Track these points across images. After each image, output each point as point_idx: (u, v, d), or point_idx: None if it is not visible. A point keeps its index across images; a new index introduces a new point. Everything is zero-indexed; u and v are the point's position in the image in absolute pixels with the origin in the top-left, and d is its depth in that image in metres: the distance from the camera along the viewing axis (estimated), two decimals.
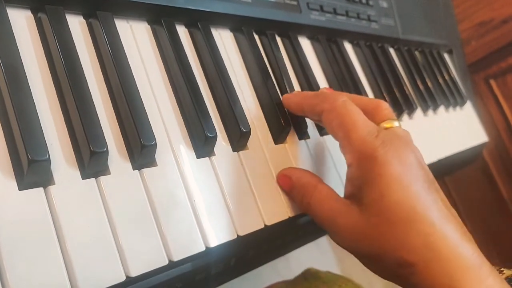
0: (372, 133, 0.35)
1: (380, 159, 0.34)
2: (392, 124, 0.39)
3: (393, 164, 0.34)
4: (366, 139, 0.35)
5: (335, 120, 0.37)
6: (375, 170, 0.34)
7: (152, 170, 0.32)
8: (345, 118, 0.37)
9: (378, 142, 0.35)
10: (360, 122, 0.36)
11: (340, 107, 0.37)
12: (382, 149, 0.34)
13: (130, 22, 0.38)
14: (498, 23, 1.14)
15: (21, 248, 0.25)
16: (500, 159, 1.21)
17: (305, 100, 0.41)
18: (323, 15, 0.55)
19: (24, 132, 0.26)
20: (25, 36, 0.31)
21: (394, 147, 0.34)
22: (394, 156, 0.34)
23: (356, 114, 0.37)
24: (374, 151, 0.34)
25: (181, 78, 0.37)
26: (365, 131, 0.36)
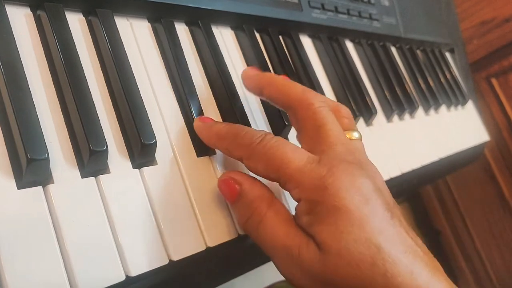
0: (312, 160, 0.30)
1: (332, 189, 0.29)
2: (351, 135, 0.35)
3: (348, 194, 0.28)
4: (306, 169, 0.30)
5: (259, 165, 0.31)
6: (328, 203, 0.28)
7: (152, 169, 0.32)
8: (269, 158, 0.31)
9: (323, 170, 0.29)
10: (289, 153, 0.30)
11: (259, 150, 0.31)
12: (330, 178, 0.29)
13: (130, 20, 0.37)
14: (499, 22, 1.14)
15: (19, 248, 0.25)
16: (501, 158, 1.21)
17: (218, 142, 0.34)
18: (325, 13, 0.55)
19: (23, 130, 0.26)
20: (24, 34, 0.31)
21: (345, 173, 0.29)
22: (347, 184, 0.29)
23: (281, 147, 0.31)
24: (321, 181, 0.29)
25: (178, 78, 0.37)
26: (301, 160, 0.30)
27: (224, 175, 0.34)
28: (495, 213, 1.29)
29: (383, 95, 0.60)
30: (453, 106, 0.76)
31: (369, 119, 0.55)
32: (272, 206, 0.31)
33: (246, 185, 0.32)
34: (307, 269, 0.29)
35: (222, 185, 0.33)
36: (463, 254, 1.42)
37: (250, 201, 0.32)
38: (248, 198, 0.32)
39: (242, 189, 0.32)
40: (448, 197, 1.41)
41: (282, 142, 0.31)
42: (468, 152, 0.75)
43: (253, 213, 0.31)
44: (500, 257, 1.32)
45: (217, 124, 0.35)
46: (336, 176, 0.29)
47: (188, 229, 0.32)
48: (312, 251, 0.29)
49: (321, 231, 0.28)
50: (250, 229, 0.32)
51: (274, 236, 0.30)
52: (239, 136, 0.32)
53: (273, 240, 0.30)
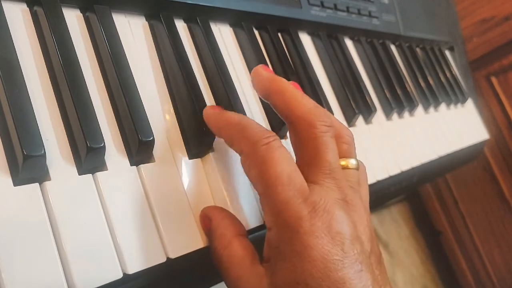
0: (300, 195, 0.28)
1: (303, 235, 0.27)
2: (348, 163, 0.33)
3: (318, 244, 0.27)
4: (290, 203, 0.28)
5: (253, 169, 0.30)
6: (294, 247, 0.27)
7: (150, 166, 0.32)
8: (266, 169, 0.29)
9: (305, 210, 0.28)
10: (285, 177, 0.29)
11: (261, 152, 0.30)
12: (308, 221, 0.27)
13: (128, 17, 0.37)
14: (499, 20, 1.14)
15: (16, 245, 0.25)
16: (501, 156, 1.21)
17: (225, 128, 0.33)
18: (324, 10, 0.55)
19: (19, 127, 0.26)
20: (21, 30, 0.31)
21: (323, 219, 0.28)
22: (322, 231, 0.27)
23: (282, 163, 0.29)
24: (297, 221, 0.28)
25: (179, 73, 0.37)
26: (290, 191, 0.28)
27: (203, 210, 0.34)
28: (495, 212, 1.28)
29: (382, 93, 0.60)
30: (453, 104, 0.76)
31: (369, 117, 0.55)
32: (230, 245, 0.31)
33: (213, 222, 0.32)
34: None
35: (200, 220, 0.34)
36: (463, 253, 1.42)
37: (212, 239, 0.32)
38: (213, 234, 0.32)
39: (211, 224, 0.32)
40: (448, 196, 1.41)
41: (285, 157, 0.30)
42: (467, 150, 0.75)
43: (216, 247, 0.32)
44: (501, 257, 1.32)
45: (230, 112, 0.34)
46: (314, 221, 0.28)
47: (185, 227, 0.32)
48: None
49: (279, 274, 0.28)
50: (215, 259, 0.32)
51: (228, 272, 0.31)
52: (249, 129, 0.31)
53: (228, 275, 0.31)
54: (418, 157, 0.61)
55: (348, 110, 0.53)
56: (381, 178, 0.52)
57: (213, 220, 0.32)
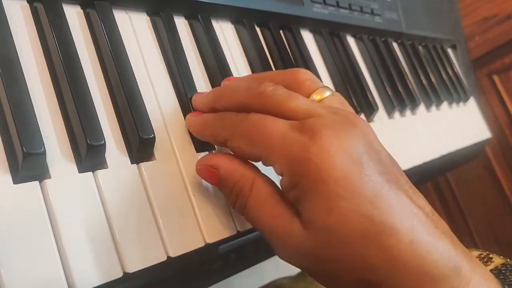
0: (294, 128, 0.28)
1: (316, 159, 0.26)
2: (322, 94, 0.32)
3: (335, 162, 0.25)
4: (287, 138, 0.27)
5: (243, 143, 0.29)
6: (313, 175, 0.26)
7: (151, 164, 0.32)
8: (251, 134, 0.29)
9: (305, 137, 0.27)
10: (269, 124, 0.28)
11: (241, 127, 0.30)
12: (314, 145, 0.26)
13: (129, 13, 0.37)
14: (501, 18, 1.13)
15: (16, 243, 0.25)
16: (502, 155, 1.21)
17: (205, 129, 0.33)
18: (326, 8, 0.54)
19: (19, 124, 0.26)
20: (21, 26, 0.30)
21: (330, 137, 0.26)
22: (333, 149, 0.26)
23: (261, 119, 0.29)
24: (304, 150, 0.26)
25: (177, 72, 0.36)
26: (281, 129, 0.28)
27: (199, 162, 0.32)
28: (495, 211, 1.28)
29: (384, 91, 0.60)
30: (455, 102, 0.76)
31: (371, 115, 0.55)
32: (255, 185, 0.29)
33: (223, 169, 0.30)
34: (297, 249, 0.27)
35: (200, 174, 0.32)
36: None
37: (232, 184, 0.30)
38: (229, 182, 0.30)
39: (220, 174, 0.30)
40: (449, 195, 1.40)
41: (263, 116, 0.29)
42: (469, 149, 0.75)
43: (237, 197, 0.30)
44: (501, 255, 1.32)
45: (205, 114, 0.34)
46: (320, 143, 0.26)
47: (186, 225, 0.32)
48: (298, 230, 0.27)
49: (308, 209, 0.26)
50: (240, 212, 0.30)
51: (261, 218, 0.29)
52: (223, 119, 0.31)
53: (261, 223, 0.29)
54: (420, 156, 0.60)
55: None
56: None
57: (222, 166, 0.31)
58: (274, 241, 0.29)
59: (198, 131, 0.34)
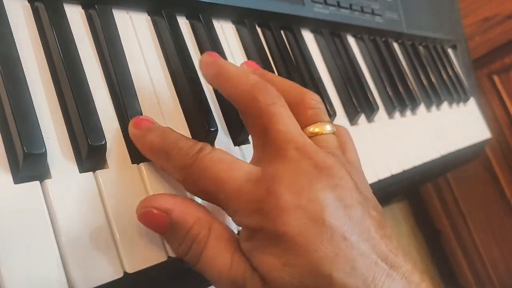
0: (251, 178, 0.25)
1: (270, 214, 0.24)
2: (322, 129, 0.30)
3: (291, 218, 0.24)
4: (242, 190, 0.25)
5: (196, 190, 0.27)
6: (267, 229, 0.24)
7: (152, 164, 0.32)
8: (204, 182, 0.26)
9: (261, 189, 0.25)
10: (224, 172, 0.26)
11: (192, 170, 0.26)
12: (270, 200, 0.24)
13: (129, 13, 0.37)
14: (502, 18, 1.13)
15: (16, 243, 0.24)
16: (502, 156, 1.21)
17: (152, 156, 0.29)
18: (327, 8, 0.54)
19: (20, 125, 0.26)
20: (22, 26, 0.30)
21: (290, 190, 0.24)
22: (290, 203, 0.24)
23: (215, 164, 0.26)
24: (259, 205, 0.24)
25: (181, 70, 0.36)
26: (238, 180, 0.25)
27: (142, 204, 0.27)
28: (495, 212, 1.28)
29: (384, 91, 0.60)
30: (455, 103, 0.76)
31: (371, 116, 0.55)
32: (213, 231, 0.27)
33: (176, 212, 0.27)
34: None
35: (144, 219, 0.27)
36: (463, 252, 1.42)
37: (185, 231, 0.27)
38: (182, 227, 0.27)
39: (172, 218, 0.27)
40: (449, 195, 1.41)
41: (218, 158, 0.26)
42: (469, 149, 0.75)
43: (192, 245, 0.26)
44: (500, 256, 1.32)
45: (151, 132, 0.29)
46: (277, 196, 0.24)
47: None
48: (257, 283, 0.25)
49: (262, 262, 0.25)
50: (192, 262, 0.27)
51: (217, 267, 0.26)
52: (172, 155, 0.27)
53: (217, 271, 0.26)
54: (420, 156, 0.60)
55: (350, 108, 0.53)
56: (383, 177, 0.52)
57: (174, 210, 0.27)
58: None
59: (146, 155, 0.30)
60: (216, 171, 0.26)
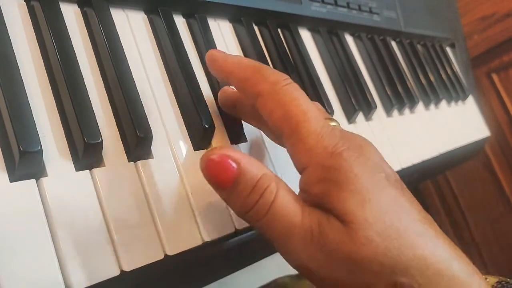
0: (327, 127, 0.28)
1: (347, 155, 0.26)
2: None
3: (360, 164, 0.26)
4: (322, 135, 0.27)
5: (278, 109, 0.28)
6: (346, 168, 0.26)
7: (148, 162, 0.32)
8: (291, 107, 0.28)
9: (336, 138, 0.27)
10: (311, 113, 0.28)
11: (284, 91, 0.28)
12: (343, 146, 0.27)
13: (126, 11, 0.37)
14: (500, 16, 1.13)
15: (12, 241, 0.24)
16: (502, 154, 1.21)
17: (238, 69, 0.30)
18: (324, 6, 0.54)
19: (16, 122, 0.26)
20: (18, 24, 0.30)
21: (353, 143, 0.28)
22: (357, 154, 0.27)
23: (306, 102, 0.28)
24: (336, 147, 0.27)
25: (178, 68, 0.36)
26: (319, 124, 0.28)
27: (212, 152, 0.27)
28: (495, 209, 1.28)
29: (383, 90, 0.60)
30: (454, 101, 0.76)
31: (369, 114, 0.55)
32: (281, 183, 0.27)
33: (244, 163, 0.27)
34: (332, 248, 0.25)
35: (212, 167, 0.27)
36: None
37: (255, 180, 0.27)
38: (252, 177, 0.27)
39: (241, 169, 0.27)
40: (448, 194, 1.40)
41: (306, 96, 0.29)
42: (468, 147, 0.75)
43: (262, 196, 0.26)
44: (500, 254, 1.32)
45: (237, 55, 0.32)
46: (347, 145, 0.27)
47: (184, 223, 0.32)
48: (336, 226, 0.25)
49: (343, 200, 0.25)
50: (258, 215, 0.27)
51: (289, 217, 0.26)
52: (266, 70, 0.30)
53: (288, 222, 0.26)
54: (419, 154, 0.60)
55: (348, 106, 0.52)
56: None
57: (242, 161, 0.27)
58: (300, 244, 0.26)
59: (227, 70, 0.31)
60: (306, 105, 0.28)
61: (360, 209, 0.25)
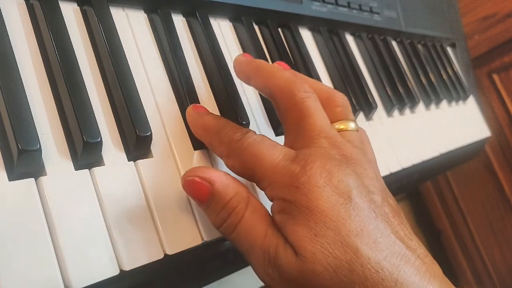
0: (288, 157, 0.28)
1: (304, 188, 0.27)
2: (346, 126, 0.33)
3: (322, 194, 0.26)
4: (279, 166, 0.28)
5: (237, 164, 0.30)
6: (300, 202, 0.26)
7: (148, 161, 0.32)
8: (245, 158, 0.29)
9: (296, 167, 0.27)
10: (264, 150, 0.29)
11: (237, 146, 0.30)
12: (303, 176, 0.27)
13: (126, 10, 0.37)
14: (501, 17, 1.13)
15: (11, 241, 0.24)
16: (502, 154, 1.21)
17: (204, 134, 0.33)
18: (325, 6, 0.54)
19: (14, 121, 0.26)
20: (17, 23, 0.30)
21: (320, 170, 0.27)
22: (321, 182, 0.27)
23: (259, 143, 0.29)
24: (293, 179, 0.27)
25: (178, 68, 0.36)
26: (276, 158, 0.28)
27: (189, 173, 0.30)
28: (495, 210, 1.28)
29: (383, 90, 0.60)
30: (454, 101, 0.76)
31: (369, 114, 0.55)
32: (250, 205, 0.29)
33: (218, 184, 0.29)
34: (284, 272, 0.27)
35: (189, 186, 0.30)
36: (463, 251, 1.41)
37: (226, 201, 0.29)
38: (222, 198, 0.29)
39: (214, 189, 0.29)
40: (449, 194, 1.40)
41: (261, 139, 0.30)
42: (469, 147, 0.75)
43: (230, 215, 0.29)
44: (501, 254, 1.32)
45: (207, 115, 0.33)
46: (310, 174, 0.27)
47: (183, 223, 0.32)
48: (289, 255, 0.26)
49: (294, 233, 0.27)
50: (227, 231, 0.29)
51: (252, 237, 0.28)
52: (222, 132, 0.31)
53: (250, 241, 0.28)
54: (419, 154, 0.60)
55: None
56: (382, 175, 0.52)
57: (217, 181, 0.29)
58: (260, 261, 0.28)
59: (196, 133, 0.33)
60: (258, 148, 0.29)
61: (310, 244, 0.26)
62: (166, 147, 0.33)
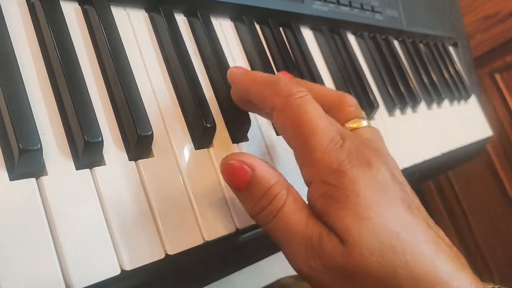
0: (336, 142, 0.29)
1: (349, 175, 0.27)
2: (359, 123, 0.33)
3: (365, 181, 0.27)
4: (328, 150, 0.28)
5: (289, 122, 0.30)
6: (346, 187, 0.27)
7: (149, 161, 0.32)
8: (302, 121, 0.29)
9: (343, 154, 0.28)
10: (321, 127, 0.29)
11: (296, 105, 0.29)
12: (348, 163, 0.28)
13: (127, 10, 0.36)
14: (503, 16, 1.13)
15: (12, 241, 0.24)
16: (504, 154, 1.20)
17: (254, 86, 0.32)
18: (326, 5, 0.54)
19: (15, 120, 0.25)
20: (18, 22, 0.30)
21: (361, 160, 0.28)
22: (364, 171, 0.28)
23: (317, 115, 0.29)
24: (340, 165, 0.28)
25: (179, 67, 0.36)
26: (327, 139, 0.29)
27: (231, 158, 0.30)
28: (497, 209, 1.28)
29: (385, 89, 0.60)
30: (456, 100, 0.76)
31: (371, 113, 0.55)
32: (290, 192, 0.29)
33: (259, 169, 0.29)
34: (328, 260, 0.26)
35: (229, 170, 0.29)
36: (465, 251, 1.41)
37: (267, 188, 0.29)
38: (264, 184, 0.29)
39: (255, 175, 0.29)
40: (450, 194, 1.40)
41: (319, 111, 0.30)
42: (470, 147, 0.74)
43: (272, 202, 0.28)
44: (503, 254, 1.32)
45: (255, 71, 0.34)
46: (354, 163, 0.28)
47: (185, 223, 0.32)
48: (334, 241, 0.26)
49: (341, 217, 0.26)
50: (266, 219, 0.29)
51: (293, 225, 0.28)
52: (279, 84, 0.31)
53: (291, 230, 0.28)
54: (421, 154, 0.60)
55: None
56: None
57: (258, 167, 0.29)
58: (301, 251, 0.28)
59: (244, 88, 0.33)
60: (318, 120, 0.29)
61: (357, 227, 0.26)
62: (167, 147, 0.33)
